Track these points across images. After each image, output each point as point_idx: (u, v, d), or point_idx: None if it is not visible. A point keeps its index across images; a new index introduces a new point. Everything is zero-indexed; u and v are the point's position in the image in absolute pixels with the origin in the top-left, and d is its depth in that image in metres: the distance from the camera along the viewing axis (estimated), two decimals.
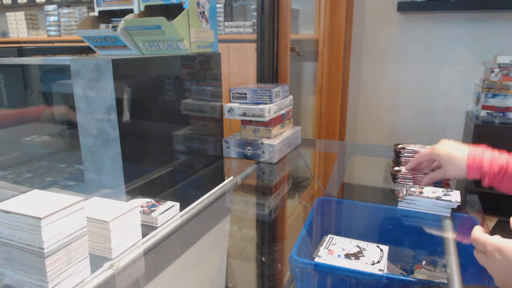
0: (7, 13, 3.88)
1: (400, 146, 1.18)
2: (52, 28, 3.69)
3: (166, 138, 1.06)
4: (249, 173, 1.21)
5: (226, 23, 2.81)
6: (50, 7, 3.66)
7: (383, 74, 2.57)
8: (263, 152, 1.25)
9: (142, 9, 1.07)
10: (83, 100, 0.88)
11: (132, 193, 0.91)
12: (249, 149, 1.26)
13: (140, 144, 0.95)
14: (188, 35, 1.07)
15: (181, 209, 0.87)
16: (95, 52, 1.17)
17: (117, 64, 0.84)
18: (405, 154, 1.13)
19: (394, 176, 1.06)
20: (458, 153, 0.92)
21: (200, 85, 1.18)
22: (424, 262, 0.88)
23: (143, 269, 0.70)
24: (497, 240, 0.61)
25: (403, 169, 1.08)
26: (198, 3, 1.10)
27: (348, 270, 0.71)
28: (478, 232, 0.64)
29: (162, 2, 1.06)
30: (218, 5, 2.79)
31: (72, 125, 1.18)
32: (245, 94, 1.27)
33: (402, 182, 1.05)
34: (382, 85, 2.58)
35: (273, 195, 1.18)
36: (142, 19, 1.03)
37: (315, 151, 1.63)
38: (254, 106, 1.24)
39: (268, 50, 1.60)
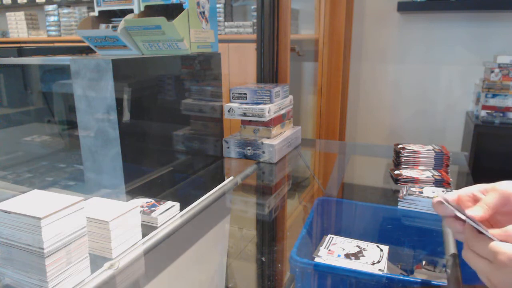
0: (7, 13, 3.88)
1: (400, 146, 1.18)
2: (52, 28, 3.69)
3: (166, 138, 1.06)
4: (249, 173, 1.21)
5: (226, 23, 2.81)
6: (50, 7, 3.66)
7: (383, 74, 2.56)
8: (263, 152, 1.25)
9: (142, 9, 1.07)
10: (83, 100, 0.88)
11: (132, 193, 0.91)
12: (249, 149, 1.26)
13: (140, 144, 0.95)
14: (188, 35, 1.07)
15: (181, 209, 0.87)
16: (95, 52, 1.17)
17: (117, 64, 0.84)
18: (405, 154, 1.13)
19: (396, 179, 1.06)
20: None
21: (200, 85, 1.18)
22: (424, 262, 0.88)
23: (143, 269, 0.70)
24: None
25: (403, 172, 1.08)
26: (198, 3, 1.10)
27: (348, 270, 0.71)
28: (476, 233, 0.50)
29: (162, 2, 1.06)
30: (218, 5, 2.79)
31: (72, 124, 1.18)
32: (245, 94, 1.27)
33: (403, 184, 1.05)
34: (382, 85, 2.58)
35: (273, 195, 1.18)
36: (142, 19, 1.03)
37: (315, 151, 1.63)
38: (254, 106, 1.24)
39: (268, 50, 1.60)
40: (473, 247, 0.52)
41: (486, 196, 0.56)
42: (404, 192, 0.96)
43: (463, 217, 0.53)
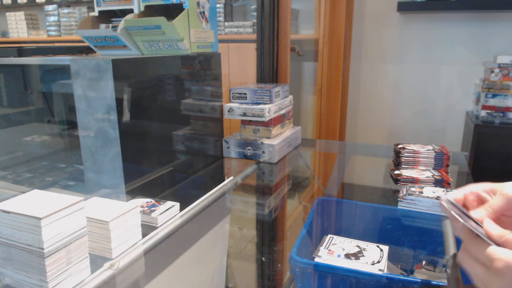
0: (7, 13, 3.88)
1: (400, 146, 1.18)
2: (52, 28, 3.69)
3: (166, 138, 1.06)
4: (249, 173, 1.21)
5: (226, 23, 2.81)
6: (50, 7, 3.66)
7: (383, 74, 2.56)
8: (263, 152, 1.25)
9: (142, 9, 1.07)
10: (83, 100, 0.88)
11: (132, 193, 0.91)
12: (249, 149, 1.26)
13: (140, 144, 0.95)
14: (188, 35, 1.07)
15: (181, 209, 0.87)
16: (95, 52, 1.17)
17: (117, 64, 0.84)
18: (405, 154, 1.13)
19: (396, 179, 1.06)
20: None
21: (200, 85, 1.18)
22: (424, 262, 0.88)
23: (143, 269, 0.70)
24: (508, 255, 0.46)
25: (403, 172, 1.08)
26: (198, 3, 1.10)
27: (348, 270, 0.71)
28: (475, 239, 0.49)
29: (162, 2, 1.06)
30: (218, 5, 2.79)
31: (72, 124, 1.18)
32: (245, 94, 1.27)
33: (403, 184, 1.05)
34: (382, 85, 2.58)
35: (273, 195, 1.18)
36: (142, 19, 1.03)
37: (315, 151, 1.63)
38: (254, 106, 1.24)
39: (268, 50, 1.60)
40: (470, 250, 0.51)
41: (492, 199, 0.55)
42: (404, 192, 0.96)
43: (461, 220, 0.52)
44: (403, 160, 1.13)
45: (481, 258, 0.48)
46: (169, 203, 0.85)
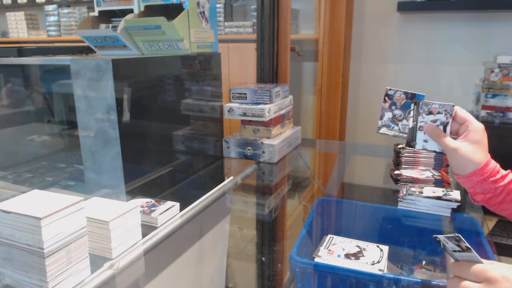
0: (7, 13, 3.88)
1: (400, 146, 1.18)
2: (52, 28, 3.69)
3: (166, 138, 1.06)
4: (249, 173, 1.21)
5: (226, 23, 2.81)
6: (50, 7, 3.65)
7: (383, 74, 2.56)
8: (263, 152, 1.25)
9: (142, 9, 1.07)
10: (83, 100, 0.88)
11: (132, 193, 0.91)
12: (249, 149, 1.26)
13: (140, 144, 0.95)
14: (188, 35, 1.07)
15: (181, 209, 0.87)
16: (95, 52, 1.17)
17: (117, 64, 0.84)
18: (405, 154, 1.13)
19: (396, 179, 1.06)
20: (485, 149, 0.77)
21: (200, 85, 1.18)
22: (424, 262, 0.88)
23: (143, 269, 0.70)
24: (499, 266, 0.52)
25: (403, 172, 1.08)
26: (198, 3, 1.10)
27: (348, 270, 0.71)
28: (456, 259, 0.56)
29: (162, 2, 1.06)
30: (218, 5, 2.78)
31: (72, 124, 1.18)
32: (245, 94, 1.27)
33: (403, 184, 1.05)
34: (382, 85, 2.58)
35: (273, 195, 1.18)
36: (142, 19, 1.03)
37: (315, 151, 1.63)
38: (254, 106, 1.24)
39: (268, 50, 1.60)
40: (459, 274, 0.55)
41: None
42: (404, 192, 0.96)
43: (455, 256, 0.56)
44: (403, 160, 1.13)
45: (471, 276, 0.53)
46: (169, 203, 0.85)
